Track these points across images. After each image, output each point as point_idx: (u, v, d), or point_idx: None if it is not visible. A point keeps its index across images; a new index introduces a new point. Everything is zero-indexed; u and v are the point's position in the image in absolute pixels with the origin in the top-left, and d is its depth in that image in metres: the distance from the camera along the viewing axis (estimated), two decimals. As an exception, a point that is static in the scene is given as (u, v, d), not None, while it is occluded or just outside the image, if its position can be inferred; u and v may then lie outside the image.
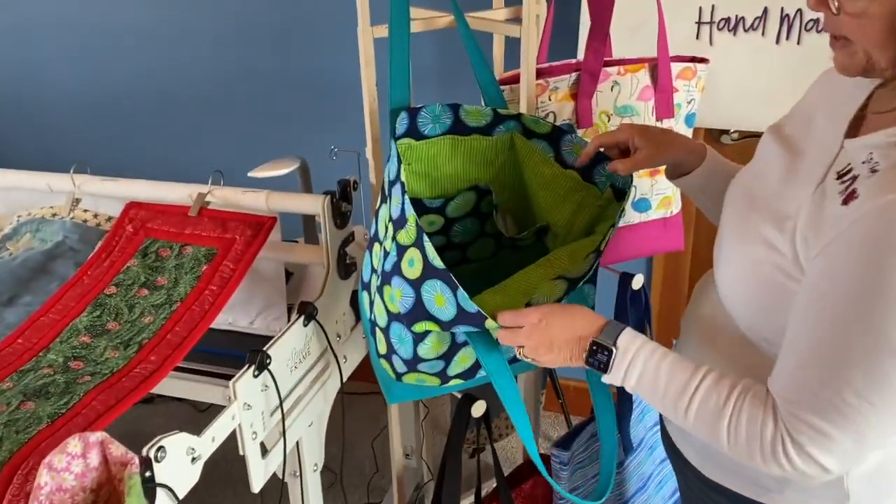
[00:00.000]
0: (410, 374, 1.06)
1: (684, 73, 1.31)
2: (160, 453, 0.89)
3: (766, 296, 0.83)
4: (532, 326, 0.91)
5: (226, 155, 2.17)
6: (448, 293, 0.91)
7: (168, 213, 1.30)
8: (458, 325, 0.94)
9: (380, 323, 1.05)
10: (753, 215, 0.86)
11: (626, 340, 0.88)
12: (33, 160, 2.36)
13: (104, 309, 1.17)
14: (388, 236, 1.01)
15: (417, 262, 0.93)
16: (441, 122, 1.10)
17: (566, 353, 0.91)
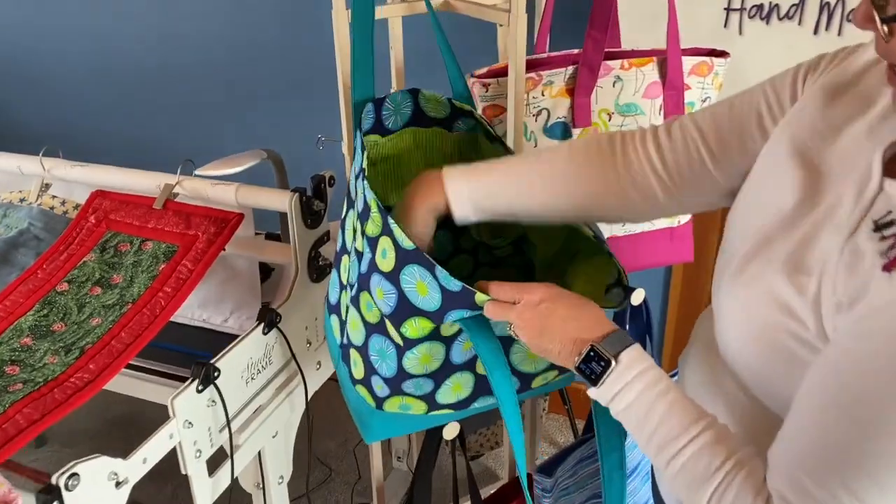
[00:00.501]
0: (394, 399, 0.93)
1: (699, 68, 1.18)
2: (71, 481, 0.82)
3: (777, 365, 0.69)
4: (529, 304, 0.79)
5: (219, 136, 2.10)
6: (428, 277, 0.80)
7: (133, 205, 1.22)
8: (450, 312, 0.82)
9: (355, 341, 0.94)
10: (761, 261, 0.71)
11: (631, 358, 0.73)
12: (36, 132, 2.33)
13: (53, 308, 1.10)
14: (357, 237, 0.91)
15: (389, 250, 0.83)
16: (402, 111, 0.99)
17: (556, 347, 0.77)
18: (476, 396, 0.95)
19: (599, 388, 0.74)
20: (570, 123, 1.16)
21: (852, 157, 0.68)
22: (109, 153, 1.67)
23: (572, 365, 0.76)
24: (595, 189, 0.86)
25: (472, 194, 0.87)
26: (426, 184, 0.88)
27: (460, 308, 0.81)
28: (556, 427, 2.13)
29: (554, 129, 1.17)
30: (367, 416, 0.99)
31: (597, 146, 0.86)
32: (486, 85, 1.10)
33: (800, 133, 0.73)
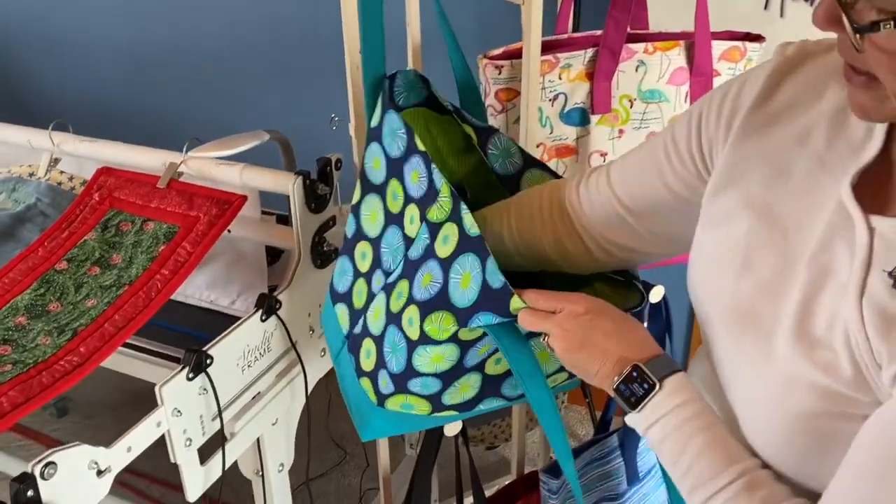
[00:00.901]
0: (397, 397, 0.89)
1: (730, 53, 1.10)
2: (48, 469, 0.79)
3: (816, 446, 0.62)
4: (571, 315, 0.73)
5: (232, 115, 2.07)
6: (477, 268, 0.76)
7: (137, 183, 1.19)
8: (478, 313, 0.77)
9: (374, 330, 0.89)
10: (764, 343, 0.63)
11: (676, 385, 0.67)
12: (55, 104, 2.33)
13: (50, 286, 1.08)
14: (411, 221, 0.85)
15: (452, 235, 0.78)
16: (415, 91, 0.94)
17: (596, 364, 0.71)
18: (482, 398, 0.90)
19: (639, 413, 0.68)
20: (588, 109, 1.10)
21: (814, 198, 0.61)
22: (122, 128, 1.65)
23: (610, 385, 0.70)
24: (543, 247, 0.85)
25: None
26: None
27: (491, 311, 0.76)
28: (577, 419, 2.08)
29: (571, 115, 1.10)
30: (366, 412, 0.95)
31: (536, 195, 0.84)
32: (499, 67, 1.05)
33: (749, 187, 0.66)
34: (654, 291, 1.23)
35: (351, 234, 0.95)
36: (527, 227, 0.85)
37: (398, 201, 0.87)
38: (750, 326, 0.65)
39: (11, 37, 2.29)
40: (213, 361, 0.99)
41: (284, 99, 2.01)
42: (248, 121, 1.86)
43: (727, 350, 0.70)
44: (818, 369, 0.59)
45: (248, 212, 1.18)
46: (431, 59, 1.20)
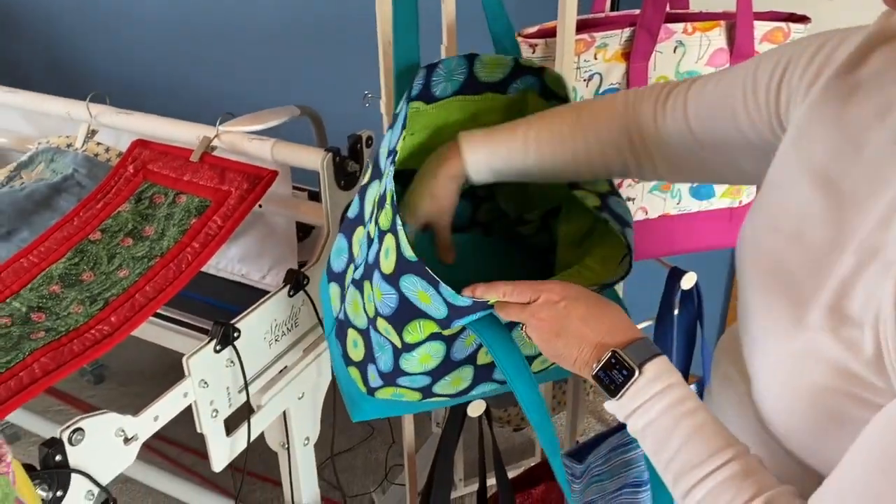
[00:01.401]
0: (387, 389, 0.88)
1: (773, 34, 1.06)
2: (76, 435, 0.81)
3: (827, 426, 0.61)
4: (546, 303, 0.72)
5: (266, 90, 2.07)
6: (430, 290, 0.74)
7: (171, 156, 1.20)
8: (457, 320, 0.77)
9: (357, 323, 0.88)
10: (798, 312, 0.61)
11: (657, 370, 0.65)
12: (100, 75, 2.36)
13: (84, 256, 1.10)
14: (372, 220, 0.84)
15: (392, 251, 0.76)
16: (454, 79, 0.91)
17: (574, 351, 0.69)
18: (475, 385, 0.89)
19: (619, 400, 0.66)
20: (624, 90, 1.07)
21: (880, 176, 0.58)
22: (158, 102, 1.67)
23: (589, 372, 0.68)
24: (602, 147, 0.81)
25: (489, 158, 0.82)
26: (445, 152, 0.82)
27: (469, 314, 0.75)
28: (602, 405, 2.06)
29: (606, 95, 1.08)
30: (357, 397, 0.94)
31: (611, 101, 0.80)
32: (533, 46, 1.03)
33: (815, 154, 0.63)
34: (686, 278, 1.21)
35: (353, 216, 0.92)
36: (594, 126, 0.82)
37: (378, 194, 0.84)
38: (787, 291, 0.63)
39: (56, 10, 2.32)
40: (240, 334, 1.00)
41: (317, 75, 2.01)
42: (281, 97, 1.86)
43: (758, 312, 0.67)
44: (841, 345, 0.57)
45: (279, 187, 1.19)
46: (466, 39, 1.19)
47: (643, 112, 0.79)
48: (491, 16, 0.94)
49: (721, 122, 0.72)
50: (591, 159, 0.81)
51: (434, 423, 1.84)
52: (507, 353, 0.77)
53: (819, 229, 0.61)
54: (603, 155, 0.81)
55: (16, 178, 1.31)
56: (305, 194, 1.37)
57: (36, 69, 2.49)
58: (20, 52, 2.49)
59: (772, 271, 0.65)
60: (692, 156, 0.77)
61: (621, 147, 0.80)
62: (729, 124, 0.72)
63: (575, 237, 0.91)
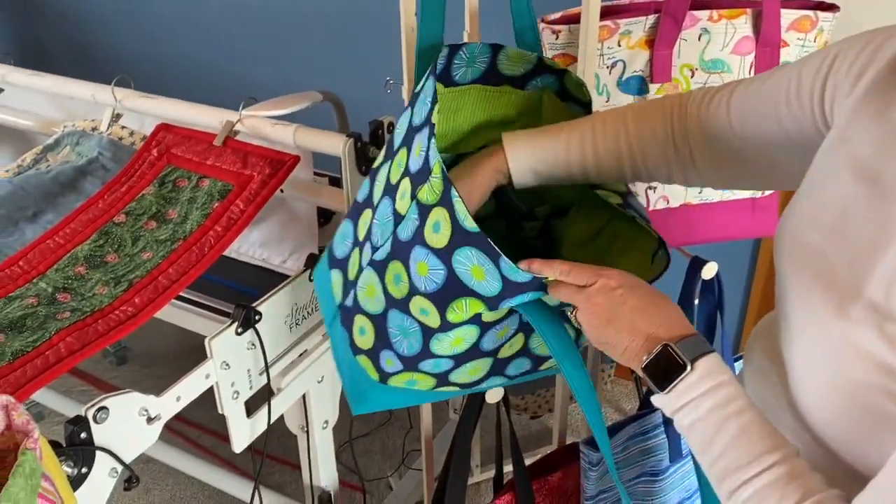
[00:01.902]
0: (403, 374, 0.87)
1: (800, 23, 1.05)
2: (101, 414, 0.83)
3: (867, 425, 0.60)
4: (603, 289, 0.71)
5: (290, 73, 2.07)
6: (488, 264, 0.72)
7: (194, 140, 1.21)
8: (507, 298, 0.75)
9: (369, 309, 0.85)
10: (840, 308, 0.60)
11: (708, 367, 0.64)
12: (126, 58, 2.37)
13: (108, 238, 1.11)
14: (402, 196, 0.81)
15: (445, 224, 0.74)
16: (475, 66, 0.90)
17: (625, 340, 0.69)
18: (487, 378, 0.89)
19: (667, 394, 0.65)
20: (647, 78, 1.06)
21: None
22: (182, 86, 1.68)
23: (639, 364, 0.67)
24: (646, 150, 0.80)
25: (531, 161, 0.82)
26: (490, 151, 0.83)
27: (523, 293, 0.74)
28: (623, 394, 2.06)
29: (630, 83, 1.07)
30: (365, 387, 0.92)
31: (654, 105, 0.80)
32: (557, 32, 1.02)
33: (858, 149, 0.62)
34: (707, 268, 1.21)
35: (362, 199, 0.90)
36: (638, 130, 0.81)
37: (399, 170, 0.82)
38: (828, 285, 0.62)
39: (81, -6, 2.34)
40: (261, 317, 1.01)
41: (340, 61, 2.01)
42: (304, 82, 1.86)
43: (797, 305, 0.66)
44: (884, 342, 0.56)
45: (301, 173, 1.19)
46: (489, 26, 1.19)
47: (688, 114, 0.78)
48: (516, 11, 0.94)
49: (764, 120, 0.72)
50: (636, 163, 0.81)
51: (451, 410, 1.85)
52: (557, 335, 0.76)
53: (862, 224, 0.61)
54: (647, 158, 0.81)
55: (42, 160, 1.33)
56: (326, 179, 1.38)
57: (62, 53, 2.51)
58: (46, 36, 2.51)
59: (812, 264, 0.64)
60: (735, 156, 0.76)
61: (667, 150, 0.80)
62: (772, 122, 0.71)
63: (582, 237, 0.91)
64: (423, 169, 0.76)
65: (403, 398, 0.91)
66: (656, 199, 1.15)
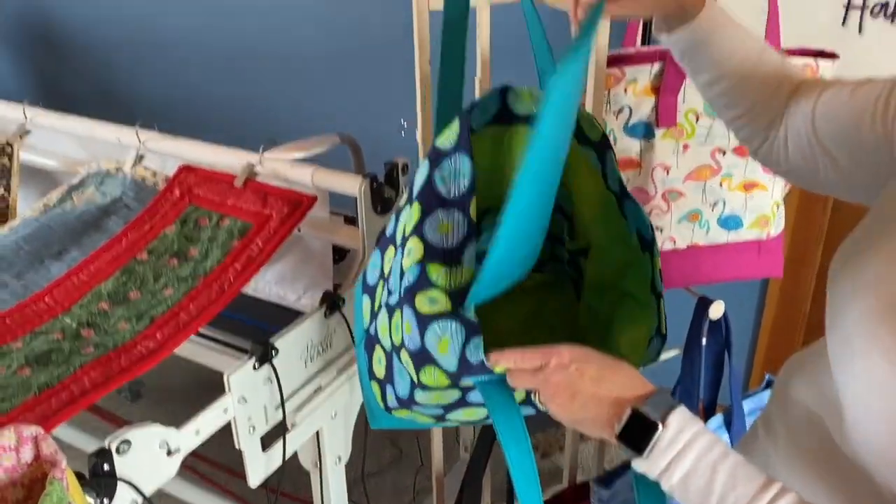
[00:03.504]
0: (401, 411, 0.90)
1: (801, 70, 1.09)
2: (123, 446, 0.85)
3: None
4: (558, 367, 0.72)
5: (310, 115, 2.13)
6: (459, 338, 0.75)
7: (215, 181, 1.25)
8: (466, 377, 0.78)
9: (384, 344, 0.89)
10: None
11: (680, 421, 0.65)
12: (149, 101, 2.44)
13: (131, 275, 1.15)
14: (409, 254, 0.82)
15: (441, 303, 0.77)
16: (486, 112, 0.91)
17: (592, 412, 0.69)
18: (487, 419, 0.91)
19: (647, 458, 0.65)
20: (653, 123, 1.10)
21: None
22: (204, 128, 1.73)
23: (611, 433, 0.68)
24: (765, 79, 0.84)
25: (716, 16, 0.83)
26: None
27: (477, 374, 0.76)
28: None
29: (636, 128, 1.11)
30: (375, 409, 0.96)
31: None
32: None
33: None
34: (714, 308, 1.23)
35: (389, 234, 0.92)
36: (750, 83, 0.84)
37: (411, 225, 0.81)
38: (889, 315, 0.61)
39: (108, 40, 2.42)
40: (278, 353, 1.04)
41: (357, 104, 2.07)
42: (321, 123, 1.91)
43: (860, 340, 0.63)
44: None
45: (318, 211, 1.23)
46: (501, 73, 1.23)
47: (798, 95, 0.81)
48: (537, 52, 0.96)
49: (845, 131, 0.73)
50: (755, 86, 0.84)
51: (462, 448, 1.85)
52: (509, 424, 0.76)
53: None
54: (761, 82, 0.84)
55: (67, 200, 1.37)
56: (342, 218, 1.41)
57: (84, 94, 2.59)
58: (73, 79, 2.59)
59: (878, 298, 0.63)
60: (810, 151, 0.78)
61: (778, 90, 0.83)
62: (852, 134, 0.72)
63: (599, 281, 0.92)
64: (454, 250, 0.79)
65: (411, 424, 0.94)
66: (664, 240, 1.18)
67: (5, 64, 2.72)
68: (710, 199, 1.17)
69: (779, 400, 0.81)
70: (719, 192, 1.16)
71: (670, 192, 1.16)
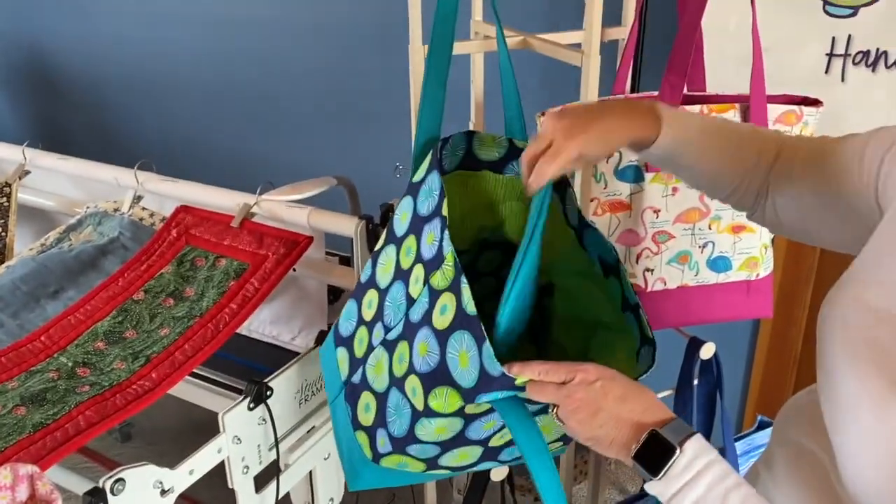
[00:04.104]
0: (393, 457, 0.90)
1: (785, 116, 1.12)
2: (118, 485, 0.85)
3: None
4: (582, 383, 0.72)
5: (306, 157, 2.16)
6: (473, 349, 0.76)
7: (212, 221, 1.27)
8: (482, 393, 0.77)
9: (375, 386, 0.89)
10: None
11: (696, 448, 0.67)
12: (147, 143, 2.47)
13: (127, 315, 1.16)
14: (416, 281, 0.86)
15: (450, 308, 0.78)
16: (455, 153, 0.95)
17: (612, 432, 0.70)
18: (479, 463, 0.91)
19: (661, 480, 0.67)
20: (642, 167, 1.13)
21: None
22: (202, 168, 1.76)
23: (628, 454, 0.69)
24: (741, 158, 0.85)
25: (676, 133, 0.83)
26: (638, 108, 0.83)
27: (495, 390, 0.76)
28: (627, 476, 2.06)
29: (625, 172, 1.14)
30: (358, 464, 0.94)
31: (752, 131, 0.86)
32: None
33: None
34: (705, 348, 1.24)
35: (364, 280, 0.95)
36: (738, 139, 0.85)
37: (410, 258, 0.87)
38: (882, 368, 0.62)
39: (108, 82, 2.46)
40: (272, 393, 1.04)
41: (353, 145, 2.10)
42: (317, 164, 1.94)
43: (849, 389, 0.65)
44: None
45: (314, 252, 1.25)
46: (495, 116, 1.26)
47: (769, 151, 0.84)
48: (507, 102, 0.98)
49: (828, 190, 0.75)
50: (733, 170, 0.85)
51: (455, 490, 1.84)
52: (530, 433, 0.77)
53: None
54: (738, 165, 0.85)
55: (65, 239, 1.39)
56: (337, 259, 1.43)
57: (86, 135, 2.62)
58: (71, 120, 2.62)
59: (864, 347, 0.64)
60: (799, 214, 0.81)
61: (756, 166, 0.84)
62: (834, 191, 0.74)
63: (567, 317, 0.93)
64: (437, 257, 0.82)
65: (396, 478, 0.93)
66: (654, 281, 1.20)
67: (4, 105, 2.75)
68: (699, 241, 1.19)
69: (778, 441, 0.82)
70: (708, 235, 1.18)
71: (660, 234, 1.18)
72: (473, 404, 0.78)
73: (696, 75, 1.21)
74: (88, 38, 2.42)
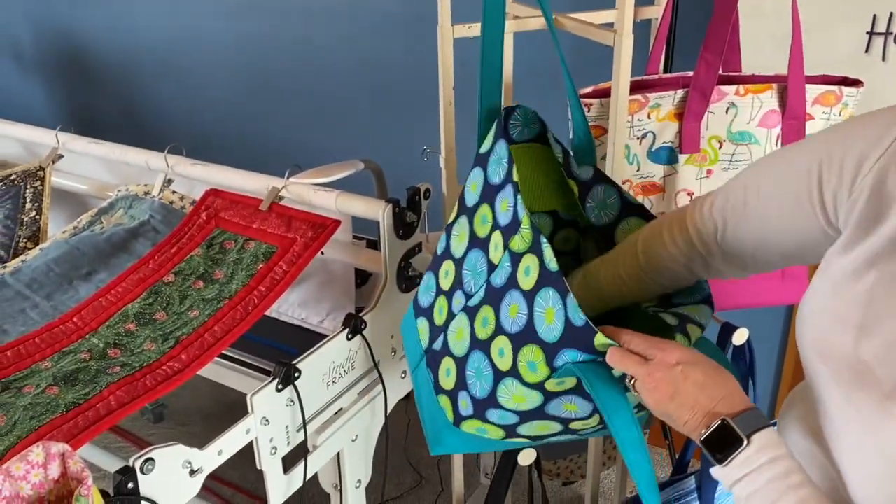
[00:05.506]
0: (473, 421, 0.92)
1: (824, 97, 1.09)
2: (147, 465, 0.86)
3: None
4: (663, 364, 0.73)
5: (334, 141, 2.16)
6: (559, 304, 0.77)
7: (241, 204, 1.27)
8: (564, 349, 0.78)
9: (455, 352, 0.93)
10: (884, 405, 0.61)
11: (765, 441, 0.67)
12: (176, 128, 2.49)
13: (158, 297, 1.16)
14: (496, 247, 0.89)
15: (533, 269, 0.81)
16: (531, 127, 0.97)
17: (686, 414, 0.71)
18: (560, 435, 0.92)
19: (725, 467, 0.68)
20: (676, 149, 1.11)
21: None
22: (230, 153, 1.76)
23: (698, 437, 0.70)
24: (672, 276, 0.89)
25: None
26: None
27: (576, 348, 0.77)
28: (655, 462, 2.04)
29: (659, 153, 1.12)
30: (442, 428, 0.98)
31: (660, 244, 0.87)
32: (588, 105, 1.07)
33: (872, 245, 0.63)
34: (738, 334, 1.22)
35: (440, 252, 0.99)
36: (656, 256, 0.86)
37: (486, 226, 0.90)
38: (867, 387, 0.63)
39: (139, 67, 2.48)
40: (300, 375, 1.05)
41: (381, 129, 2.10)
42: (345, 148, 1.94)
43: (839, 408, 0.67)
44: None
45: (341, 235, 1.25)
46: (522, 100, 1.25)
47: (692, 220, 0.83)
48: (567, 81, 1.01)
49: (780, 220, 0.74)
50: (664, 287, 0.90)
51: (483, 474, 1.84)
52: (609, 392, 0.77)
53: (889, 320, 0.62)
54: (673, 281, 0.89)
55: (96, 222, 1.40)
56: (364, 242, 1.43)
57: (117, 120, 2.64)
58: (103, 105, 2.65)
59: (845, 365, 0.65)
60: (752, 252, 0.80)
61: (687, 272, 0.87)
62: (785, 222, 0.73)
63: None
64: (513, 222, 0.86)
65: (476, 444, 0.96)
66: (686, 266, 1.18)
67: (38, 90, 2.79)
68: (733, 225, 1.16)
69: (782, 429, 0.82)
70: (743, 218, 1.16)
71: (693, 218, 1.16)
72: (554, 380, 0.80)
73: (731, 57, 1.18)
74: (121, 24, 2.44)
